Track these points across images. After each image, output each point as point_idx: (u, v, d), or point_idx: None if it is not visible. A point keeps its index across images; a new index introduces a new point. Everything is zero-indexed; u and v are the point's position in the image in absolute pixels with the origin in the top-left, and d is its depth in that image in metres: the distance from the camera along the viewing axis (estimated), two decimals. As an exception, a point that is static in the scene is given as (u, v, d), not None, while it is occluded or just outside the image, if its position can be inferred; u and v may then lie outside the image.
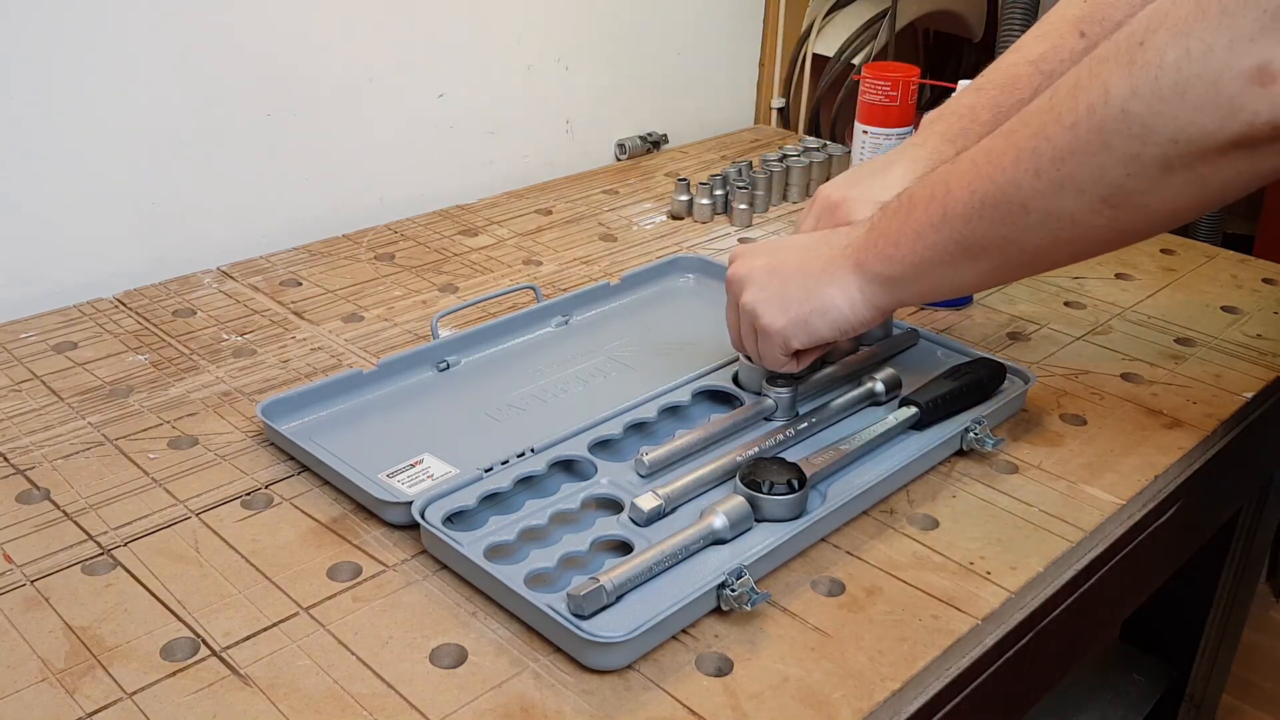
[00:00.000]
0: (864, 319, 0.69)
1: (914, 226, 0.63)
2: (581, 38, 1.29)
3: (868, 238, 0.67)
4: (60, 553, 0.65)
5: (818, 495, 0.69)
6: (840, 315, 0.68)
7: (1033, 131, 0.55)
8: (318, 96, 1.08)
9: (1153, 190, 0.52)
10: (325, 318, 0.94)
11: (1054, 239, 0.57)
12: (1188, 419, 0.81)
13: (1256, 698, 1.48)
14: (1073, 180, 0.53)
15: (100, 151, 0.96)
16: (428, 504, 0.66)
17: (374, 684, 0.56)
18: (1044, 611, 0.67)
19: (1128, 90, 0.50)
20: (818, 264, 0.69)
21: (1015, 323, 0.95)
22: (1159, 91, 0.49)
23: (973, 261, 0.61)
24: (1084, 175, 0.53)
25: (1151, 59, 0.49)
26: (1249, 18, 0.46)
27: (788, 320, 0.70)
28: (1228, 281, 1.05)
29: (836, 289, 0.68)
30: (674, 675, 0.57)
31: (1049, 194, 0.54)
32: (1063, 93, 0.54)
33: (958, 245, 0.60)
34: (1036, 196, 0.55)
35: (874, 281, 0.66)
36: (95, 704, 0.54)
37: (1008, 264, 0.61)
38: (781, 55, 1.52)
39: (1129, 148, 0.51)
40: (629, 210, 1.20)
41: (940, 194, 0.60)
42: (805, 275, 0.69)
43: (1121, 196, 0.52)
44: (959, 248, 0.60)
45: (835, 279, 0.68)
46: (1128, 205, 0.53)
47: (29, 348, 0.88)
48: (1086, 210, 0.54)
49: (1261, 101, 0.47)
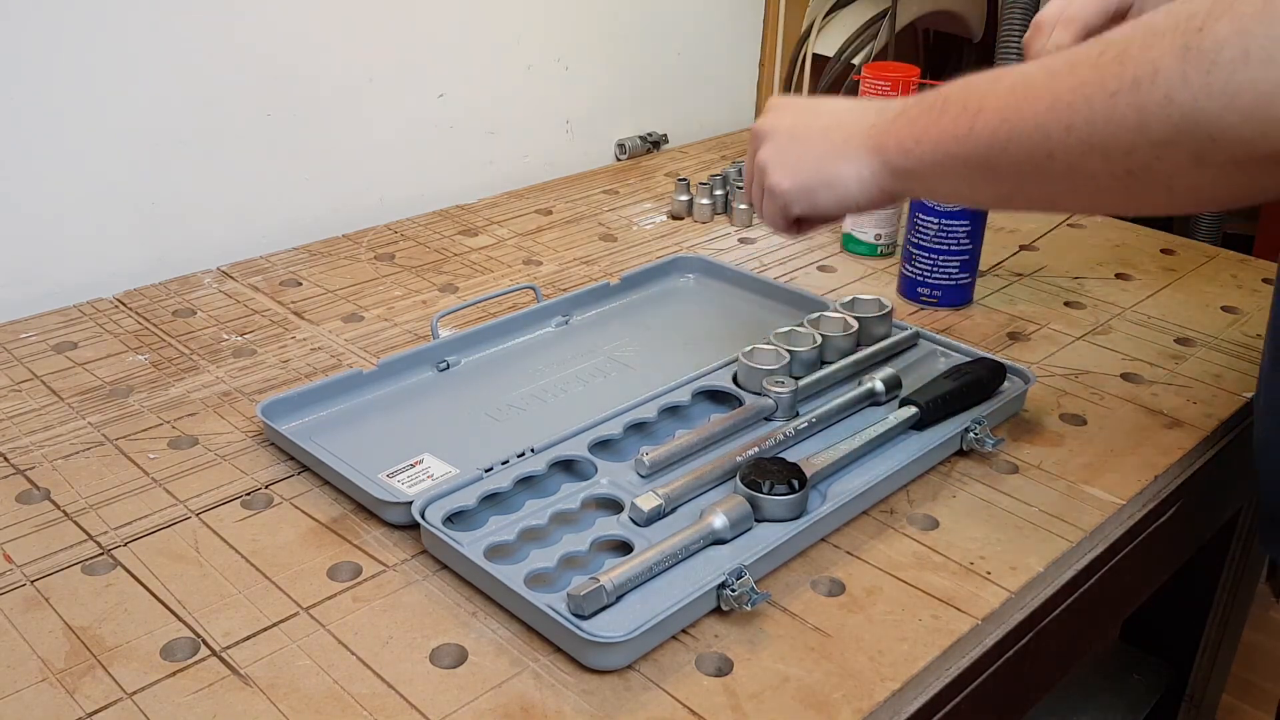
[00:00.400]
0: (869, 199, 0.68)
1: (939, 130, 0.62)
2: (581, 38, 1.29)
3: (894, 124, 0.65)
4: (60, 553, 0.65)
5: (818, 495, 0.69)
6: (846, 192, 0.68)
7: (1074, 84, 0.53)
8: (318, 96, 1.08)
9: (1180, 176, 0.50)
10: (325, 318, 0.94)
11: (1072, 190, 0.57)
12: (1188, 419, 0.81)
13: (1256, 698, 1.48)
14: (1103, 147, 0.52)
15: (100, 151, 0.96)
16: (428, 504, 0.66)
17: (374, 684, 0.56)
18: (1044, 611, 0.67)
19: (1177, 77, 0.48)
20: (838, 136, 0.69)
21: (1015, 323, 0.95)
22: (1208, 88, 0.46)
23: (986, 183, 0.61)
24: (1114, 146, 0.51)
25: (1208, 50, 0.46)
26: None
27: (794, 184, 0.70)
28: (1228, 281, 1.05)
29: (849, 165, 0.67)
30: (674, 675, 0.57)
31: (1076, 151, 0.53)
32: (1112, 55, 0.52)
33: (978, 164, 0.60)
34: (1063, 150, 0.54)
35: (886, 168, 0.66)
36: (95, 704, 0.54)
37: (1020, 196, 0.61)
38: (781, 55, 1.52)
39: (1165, 134, 0.49)
40: (629, 210, 1.20)
41: (973, 108, 0.59)
42: (824, 144, 0.69)
43: (1148, 174, 0.51)
44: (977, 167, 0.60)
45: (850, 156, 0.68)
46: (1152, 183, 0.52)
47: (29, 348, 0.88)
48: (1110, 176, 0.53)
49: None
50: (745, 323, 0.94)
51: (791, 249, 1.10)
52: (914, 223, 0.96)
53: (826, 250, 1.10)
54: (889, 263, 1.06)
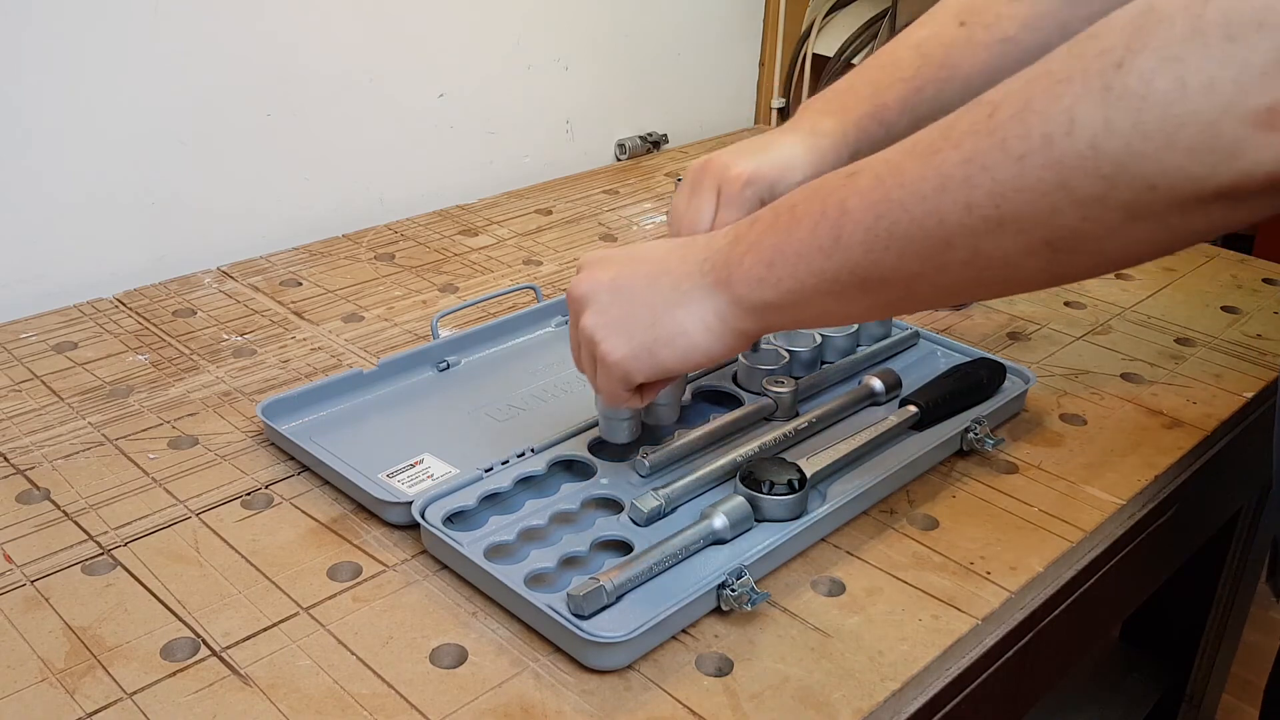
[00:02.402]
0: (723, 347, 0.58)
1: (795, 247, 0.53)
2: (581, 38, 1.29)
3: (732, 252, 0.57)
4: (60, 553, 0.65)
5: (818, 495, 0.69)
6: (690, 344, 0.58)
7: (964, 157, 0.46)
8: (318, 96, 1.08)
9: (1110, 237, 0.44)
10: (325, 318, 0.94)
11: (979, 278, 0.49)
12: (1188, 419, 0.81)
13: (1256, 698, 1.48)
14: (1014, 220, 0.45)
15: (100, 151, 0.96)
16: (428, 504, 0.66)
17: (374, 684, 0.56)
18: (1044, 611, 0.67)
19: (1100, 123, 0.42)
20: (668, 281, 0.59)
21: (1015, 323, 0.95)
22: (1142, 128, 0.41)
23: (867, 294, 0.52)
24: (1029, 216, 0.45)
25: (1134, 88, 0.41)
26: (1261, 47, 0.39)
27: (629, 350, 0.60)
28: (1228, 281, 1.05)
29: (688, 312, 0.58)
30: (674, 675, 0.57)
31: (981, 233, 0.46)
32: (1007, 114, 0.45)
33: (853, 275, 0.51)
34: (964, 233, 0.47)
35: (738, 305, 0.56)
36: (95, 704, 0.54)
37: (912, 298, 0.52)
38: (781, 55, 1.52)
39: (1093, 190, 0.43)
40: (629, 210, 1.20)
41: (834, 213, 0.51)
42: (654, 295, 0.59)
43: (1072, 240, 0.45)
44: (854, 278, 0.51)
45: (688, 300, 0.58)
46: (1077, 250, 0.45)
47: (29, 348, 0.88)
48: (1024, 252, 0.46)
49: (1265, 149, 0.40)
50: (745, 323, 0.94)
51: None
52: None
53: (826, 250, 1.10)
54: (889, 263, 1.06)
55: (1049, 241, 0.45)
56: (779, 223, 0.55)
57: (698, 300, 0.58)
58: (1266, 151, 0.40)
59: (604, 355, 0.60)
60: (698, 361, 0.59)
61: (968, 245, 0.47)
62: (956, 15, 0.70)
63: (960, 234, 0.47)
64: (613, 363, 0.60)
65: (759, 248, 0.55)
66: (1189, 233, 0.44)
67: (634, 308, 0.60)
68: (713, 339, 0.58)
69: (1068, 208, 0.44)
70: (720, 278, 0.57)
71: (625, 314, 0.60)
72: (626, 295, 0.60)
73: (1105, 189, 0.42)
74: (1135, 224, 0.43)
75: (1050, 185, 0.44)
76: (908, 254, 0.49)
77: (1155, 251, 0.46)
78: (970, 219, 0.46)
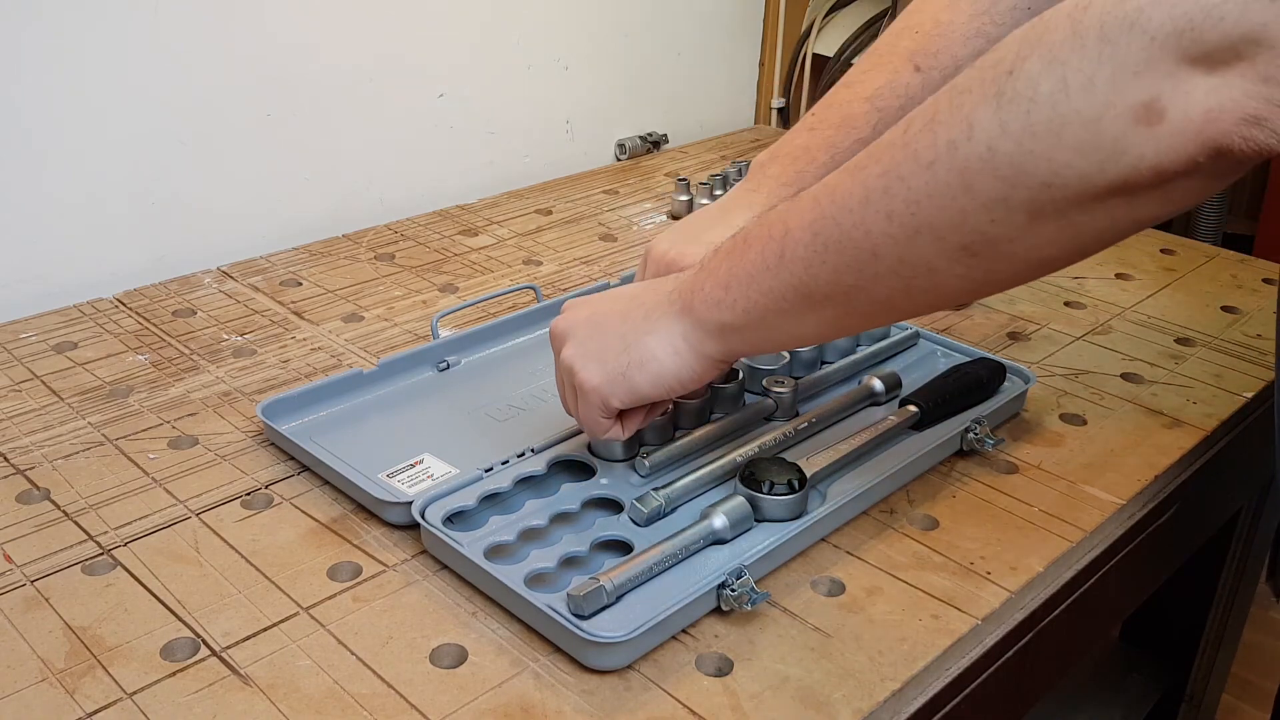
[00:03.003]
0: (691, 372, 0.61)
1: (747, 269, 0.56)
2: (581, 38, 1.29)
3: (695, 280, 0.60)
4: (60, 553, 0.65)
5: (818, 495, 0.69)
6: (661, 368, 0.61)
7: (884, 169, 0.49)
8: (317, 96, 1.08)
9: (1019, 238, 0.46)
10: (325, 318, 0.94)
11: (906, 287, 0.51)
12: (1188, 419, 0.81)
13: (1256, 698, 1.48)
14: (929, 226, 0.48)
15: (100, 151, 0.96)
16: (428, 504, 0.66)
17: (374, 684, 0.56)
18: (1044, 611, 0.67)
19: (995, 126, 0.44)
20: (639, 312, 0.62)
21: (1015, 323, 0.95)
22: (1031, 129, 0.43)
23: (814, 310, 0.55)
24: (942, 220, 0.47)
25: (1023, 91, 0.43)
26: (1133, 46, 0.40)
27: (604, 376, 0.62)
28: (1228, 281, 1.05)
29: (657, 338, 0.61)
30: (674, 675, 0.57)
31: (902, 240, 0.49)
32: (918, 126, 0.48)
33: (797, 292, 0.54)
34: (888, 242, 0.49)
35: (701, 328, 0.60)
36: (95, 704, 0.54)
37: (854, 313, 0.55)
38: (781, 55, 1.52)
39: (995, 191, 0.45)
40: (629, 210, 1.20)
41: (778, 234, 0.55)
42: (626, 325, 0.63)
43: (984, 244, 0.47)
44: (798, 294, 0.54)
45: (657, 327, 0.61)
46: (991, 254, 0.48)
47: (29, 348, 0.88)
48: (944, 258, 0.49)
49: (1147, 144, 0.41)
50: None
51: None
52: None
53: (826, 250, 1.10)
54: (889, 263, 1.06)
55: (964, 246, 0.48)
56: (735, 249, 0.58)
57: (665, 326, 0.61)
58: (1148, 146, 0.41)
59: (581, 383, 0.64)
60: (669, 385, 0.62)
61: (892, 254, 0.50)
62: (910, 58, 0.72)
63: (884, 243, 0.50)
64: (590, 389, 0.63)
65: (716, 273, 0.59)
66: (1095, 231, 0.46)
67: (608, 338, 0.63)
68: (680, 363, 0.61)
69: (975, 210, 0.46)
70: (685, 304, 0.60)
71: (600, 344, 0.63)
72: (602, 327, 0.64)
73: (1006, 189, 0.45)
74: (1040, 224, 0.45)
75: (957, 189, 0.46)
76: (841, 266, 0.52)
77: (1067, 253, 0.48)
78: (891, 228, 0.49)
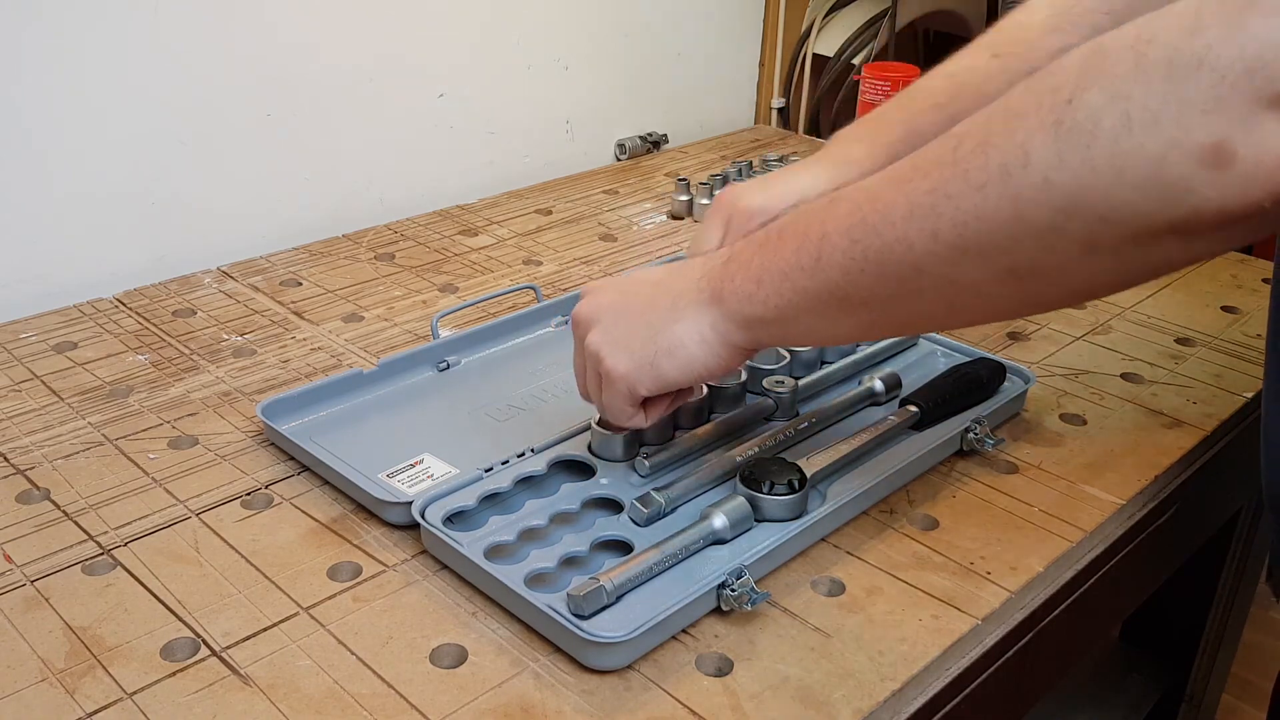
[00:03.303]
0: (719, 360, 0.61)
1: (781, 266, 0.56)
2: (581, 38, 1.29)
3: (725, 269, 0.59)
4: (60, 553, 0.65)
5: (818, 495, 0.69)
6: (690, 356, 0.61)
7: (932, 185, 0.48)
8: (317, 96, 1.08)
9: (1070, 268, 0.45)
10: (325, 318, 0.94)
11: (949, 306, 0.51)
12: (1188, 419, 0.81)
13: (1256, 698, 1.48)
14: (977, 249, 0.47)
15: (100, 151, 0.96)
16: (428, 504, 0.66)
17: (374, 684, 0.56)
18: (1044, 611, 0.67)
19: (1053, 158, 0.43)
20: (667, 299, 0.62)
21: (1015, 323, 0.95)
22: (1091, 163, 0.42)
23: (848, 315, 0.54)
24: (991, 245, 0.46)
25: (1083, 123, 0.42)
26: (1202, 85, 0.39)
27: (632, 364, 0.62)
28: (1228, 281, 1.05)
29: (686, 326, 0.60)
30: (674, 675, 0.57)
31: (947, 259, 0.48)
32: (969, 146, 0.46)
33: (833, 295, 0.54)
34: (932, 260, 0.48)
35: (730, 319, 0.59)
36: (95, 704, 0.54)
37: (889, 322, 0.55)
38: (781, 55, 1.52)
39: (1049, 221, 0.44)
40: (629, 210, 1.20)
41: (815, 236, 0.54)
42: (653, 312, 0.62)
43: (1034, 270, 0.46)
44: (834, 298, 0.54)
45: (686, 314, 0.61)
46: (1038, 280, 0.47)
47: (29, 348, 0.88)
48: (989, 280, 0.48)
49: (1212, 187, 0.40)
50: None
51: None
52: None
53: (826, 250, 1.10)
54: (889, 263, 1.06)
55: (1012, 270, 0.47)
56: (768, 243, 0.57)
57: (694, 315, 0.60)
58: (1213, 189, 0.40)
59: (608, 371, 0.63)
60: (697, 373, 0.61)
61: (936, 272, 0.49)
62: (989, 49, 0.73)
63: (928, 260, 0.48)
64: (617, 377, 0.63)
65: (749, 266, 0.58)
66: (1148, 265, 0.45)
67: (635, 325, 0.62)
68: (708, 351, 0.60)
69: (1026, 238, 0.45)
70: (715, 294, 0.59)
71: (627, 331, 0.63)
72: (628, 314, 0.63)
73: (1061, 221, 0.43)
74: (1093, 256, 0.44)
75: (1008, 216, 0.45)
76: (882, 278, 0.51)
77: (1118, 283, 0.47)
78: (937, 246, 0.48)
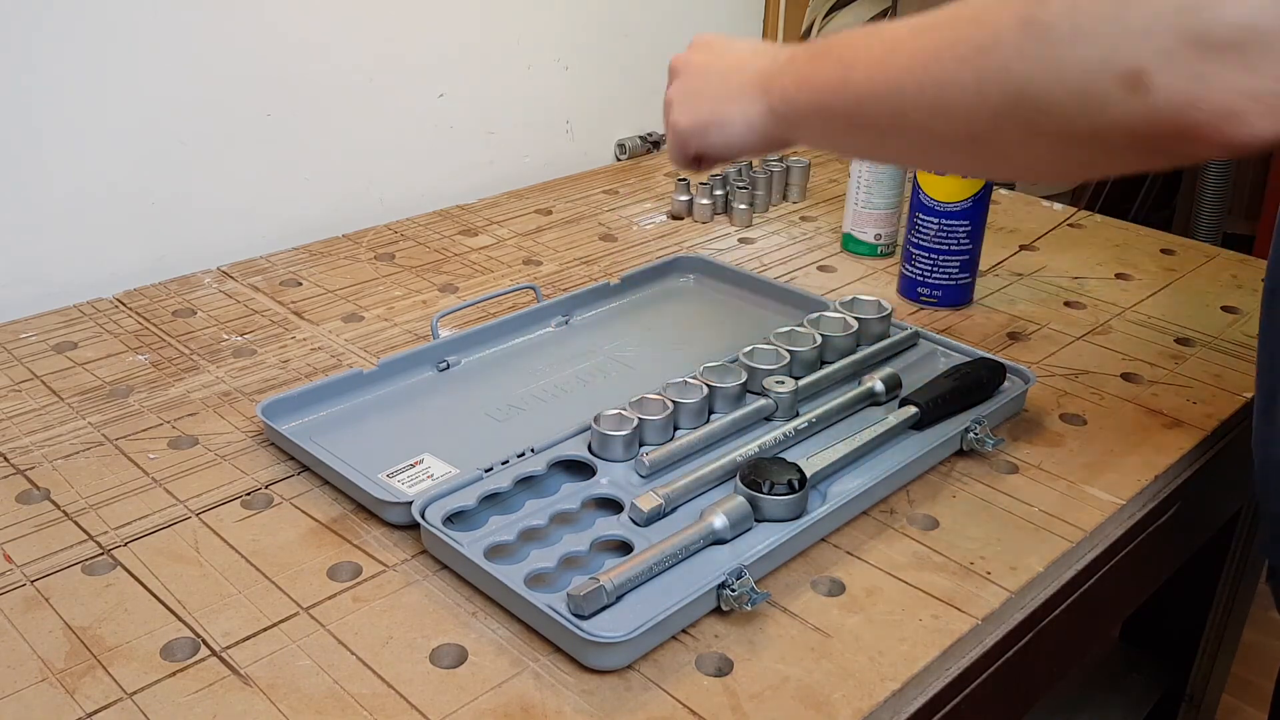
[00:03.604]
0: (753, 144, 0.69)
1: (819, 80, 0.63)
2: (581, 38, 1.29)
3: (783, 70, 0.66)
4: (60, 553, 0.65)
5: (818, 495, 0.69)
6: (734, 133, 0.69)
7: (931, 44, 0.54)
8: (317, 96, 1.08)
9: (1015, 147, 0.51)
10: (325, 318, 0.94)
11: (924, 148, 0.59)
12: (1188, 419, 0.81)
13: (1256, 698, 1.48)
14: (946, 110, 0.53)
15: (100, 151, 0.96)
16: (428, 504, 0.66)
17: (374, 684, 0.56)
18: (1044, 611, 0.67)
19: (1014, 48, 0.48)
20: (737, 78, 0.69)
21: (1015, 323, 0.95)
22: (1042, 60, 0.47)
23: (851, 135, 0.63)
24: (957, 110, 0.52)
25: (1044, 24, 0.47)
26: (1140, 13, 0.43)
27: (690, 123, 0.71)
28: (1228, 281, 1.05)
29: (739, 108, 0.68)
30: (674, 675, 0.57)
31: (925, 111, 0.54)
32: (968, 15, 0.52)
33: (846, 116, 0.61)
34: (915, 109, 0.55)
35: (771, 113, 0.66)
36: (95, 704, 0.54)
37: (881, 150, 0.66)
38: (781, 55, 1.52)
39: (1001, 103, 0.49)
40: (629, 210, 1.20)
41: (848, 61, 0.60)
42: (722, 86, 0.70)
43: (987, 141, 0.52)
44: (846, 119, 0.61)
45: (742, 98, 0.68)
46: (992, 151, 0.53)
47: (29, 348, 0.88)
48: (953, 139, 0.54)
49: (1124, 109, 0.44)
50: (745, 323, 0.94)
51: (791, 249, 1.10)
52: (914, 223, 0.96)
53: (826, 250, 1.10)
54: (889, 263, 1.06)
55: (972, 136, 0.52)
56: (815, 57, 0.64)
57: (748, 101, 0.68)
58: (1123, 111, 0.44)
59: (672, 123, 0.72)
60: (736, 150, 0.70)
61: (916, 120, 0.55)
62: None
63: (912, 109, 0.55)
64: (677, 130, 0.71)
65: (798, 72, 0.65)
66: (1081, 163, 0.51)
67: (705, 90, 0.71)
68: (750, 134, 0.68)
69: (983, 112, 0.51)
70: (767, 87, 0.67)
71: (698, 93, 0.71)
72: (705, 79, 0.71)
73: (1009, 106, 0.49)
74: (1033, 142, 0.50)
75: (973, 90, 0.51)
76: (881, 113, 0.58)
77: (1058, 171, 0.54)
78: (920, 99, 0.54)
